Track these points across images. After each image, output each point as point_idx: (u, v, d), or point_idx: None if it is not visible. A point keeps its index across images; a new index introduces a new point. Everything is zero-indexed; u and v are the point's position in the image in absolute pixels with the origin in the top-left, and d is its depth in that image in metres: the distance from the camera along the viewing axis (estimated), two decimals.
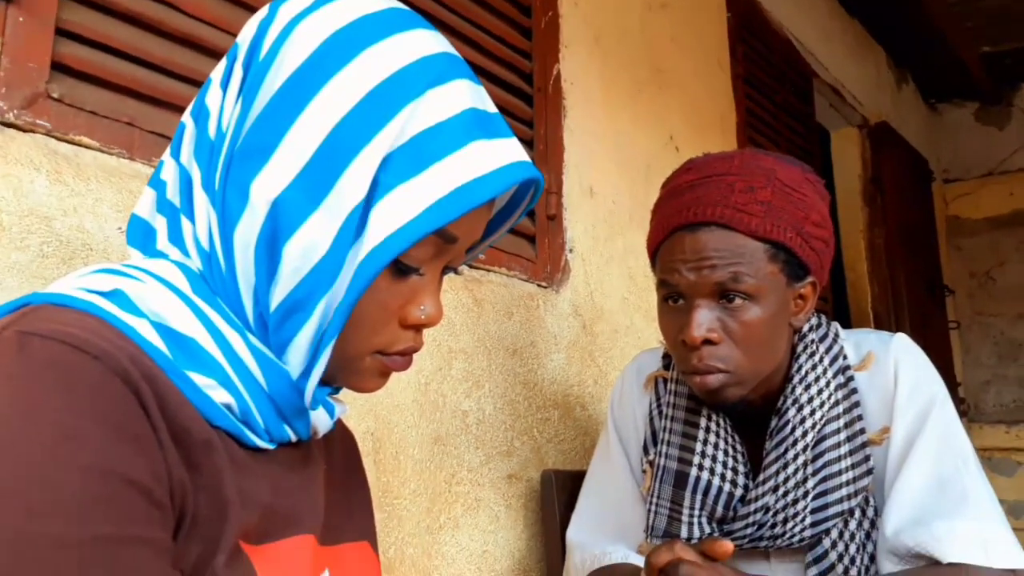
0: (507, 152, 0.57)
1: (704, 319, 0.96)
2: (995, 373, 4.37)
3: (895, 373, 1.03)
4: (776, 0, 2.81)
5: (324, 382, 0.62)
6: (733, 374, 0.98)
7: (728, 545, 0.84)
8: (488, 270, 1.43)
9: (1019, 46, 3.93)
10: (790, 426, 1.01)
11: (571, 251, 1.64)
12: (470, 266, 1.40)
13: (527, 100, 1.60)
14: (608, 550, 1.14)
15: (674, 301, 1.00)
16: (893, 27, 3.72)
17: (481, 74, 1.47)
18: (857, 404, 1.03)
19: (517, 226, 1.52)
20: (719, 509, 1.04)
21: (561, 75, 1.68)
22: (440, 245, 0.58)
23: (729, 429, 1.07)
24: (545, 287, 1.56)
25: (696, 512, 1.05)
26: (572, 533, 1.21)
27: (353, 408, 1.12)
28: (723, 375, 0.98)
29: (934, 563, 0.93)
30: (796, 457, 1.00)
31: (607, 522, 1.18)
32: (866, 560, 1.00)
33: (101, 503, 0.43)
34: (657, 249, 1.03)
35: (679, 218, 0.98)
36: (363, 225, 0.53)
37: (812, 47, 3.06)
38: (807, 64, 3.01)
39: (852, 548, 1.00)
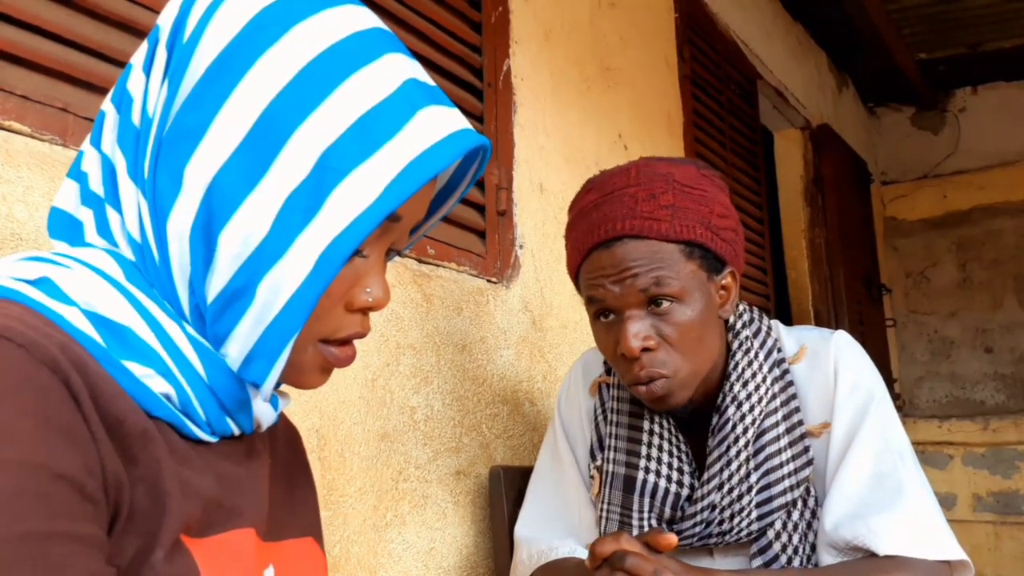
0: (453, 119, 0.56)
1: (638, 329, 0.97)
2: (928, 370, 4.52)
3: (835, 369, 1.05)
4: (722, 2, 2.85)
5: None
6: (674, 378, 0.99)
7: (672, 537, 0.85)
8: (438, 265, 1.42)
9: (953, 53, 4.07)
10: (731, 423, 1.03)
11: (521, 247, 1.64)
12: (419, 261, 1.39)
13: (477, 95, 1.59)
14: (555, 545, 1.14)
15: (605, 316, 1.01)
16: (834, 32, 3.81)
17: (431, 68, 1.46)
18: (794, 396, 1.05)
19: (467, 222, 1.51)
20: (667, 510, 1.05)
21: (511, 71, 1.68)
22: (386, 225, 0.56)
23: (673, 430, 1.08)
24: (495, 283, 1.56)
25: (645, 515, 1.06)
26: (520, 529, 1.21)
27: (298, 404, 1.10)
28: (667, 380, 0.99)
29: (871, 555, 0.96)
30: (739, 453, 1.02)
31: (554, 518, 1.19)
32: (808, 549, 1.02)
33: (28, 498, 0.41)
34: (578, 271, 1.04)
35: (592, 238, 1.00)
36: (312, 209, 0.51)
37: (757, 49, 3.12)
38: (752, 66, 3.07)
39: (795, 538, 1.02)
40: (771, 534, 1.02)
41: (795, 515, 1.03)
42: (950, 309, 4.49)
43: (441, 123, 0.55)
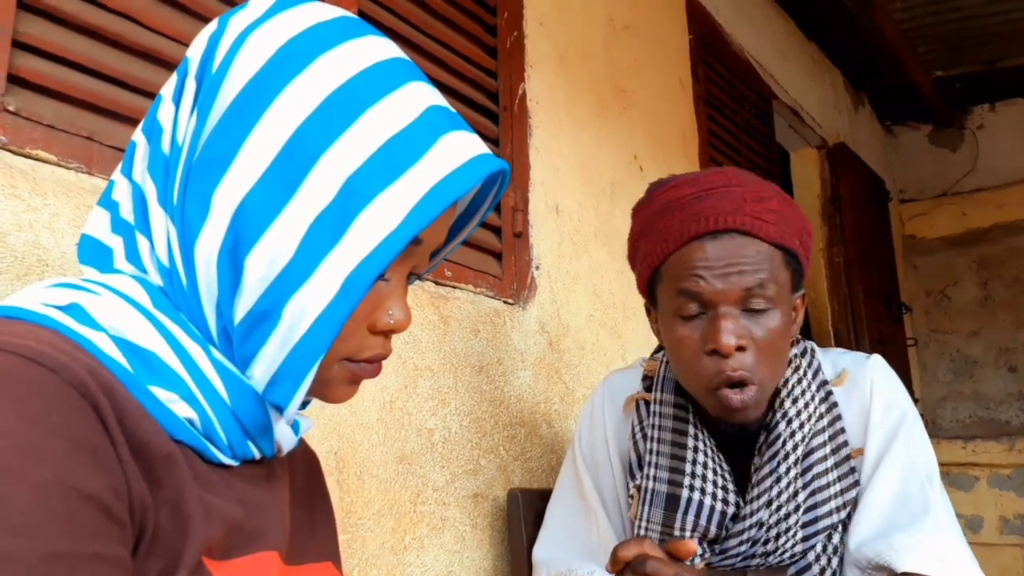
0: (474, 145, 0.58)
1: (734, 326, 0.94)
2: (951, 389, 4.46)
3: (871, 392, 1.05)
4: (736, 23, 2.87)
5: None
6: (759, 386, 0.96)
7: (691, 544, 0.85)
8: (454, 287, 1.43)
9: (970, 71, 4.05)
10: (781, 439, 1.02)
11: (537, 268, 1.65)
12: (436, 283, 1.40)
13: (493, 119, 1.60)
14: (575, 567, 1.13)
15: (690, 314, 0.97)
16: (849, 51, 3.81)
17: (446, 93, 1.47)
18: (839, 418, 1.05)
19: (484, 244, 1.52)
20: (712, 528, 1.03)
21: (527, 94, 1.69)
22: (408, 248, 0.58)
23: (714, 448, 1.07)
24: (511, 304, 1.56)
25: (688, 534, 1.04)
26: (538, 551, 1.20)
27: (316, 427, 1.11)
28: (754, 389, 0.96)
29: (893, 574, 0.95)
30: (788, 471, 1.01)
31: (573, 541, 1.18)
32: (846, 573, 1.01)
33: (57, 519, 0.42)
34: (661, 263, 1.00)
35: (697, 227, 0.96)
36: (338, 233, 0.53)
37: (771, 69, 3.12)
38: (767, 86, 3.07)
39: (835, 561, 1.00)
40: (811, 556, 1.00)
41: (835, 538, 1.01)
42: (972, 328, 4.44)
43: (462, 148, 0.56)
